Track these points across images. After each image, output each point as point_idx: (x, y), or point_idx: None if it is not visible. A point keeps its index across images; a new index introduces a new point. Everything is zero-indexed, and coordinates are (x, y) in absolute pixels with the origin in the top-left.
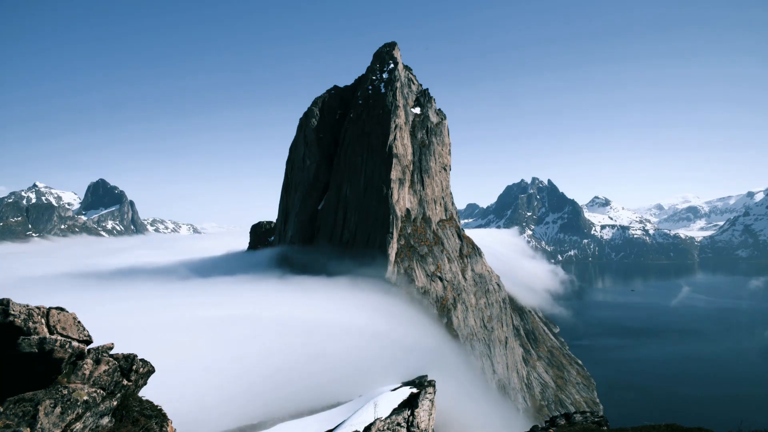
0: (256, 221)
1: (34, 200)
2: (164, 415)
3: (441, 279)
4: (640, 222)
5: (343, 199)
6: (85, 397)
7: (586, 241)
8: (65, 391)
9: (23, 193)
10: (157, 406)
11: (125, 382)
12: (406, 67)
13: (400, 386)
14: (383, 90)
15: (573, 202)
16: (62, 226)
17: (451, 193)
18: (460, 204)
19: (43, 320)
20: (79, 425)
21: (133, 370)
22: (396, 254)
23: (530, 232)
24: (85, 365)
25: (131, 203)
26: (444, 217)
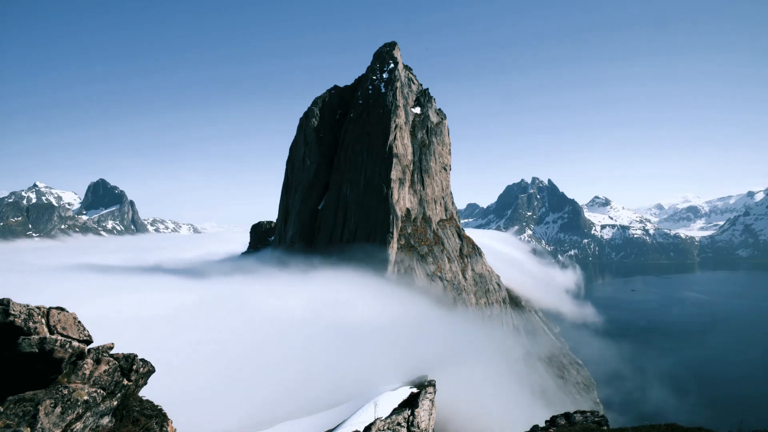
0: (256, 221)
1: (34, 200)
2: (164, 415)
3: (441, 279)
4: (641, 222)
5: (343, 199)
6: (86, 397)
7: (586, 240)
8: (65, 391)
9: (23, 193)
10: (157, 405)
11: (125, 381)
12: (406, 67)
13: (400, 386)
14: (383, 90)
15: (573, 202)
16: (62, 226)
17: (451, 193)
18: (460, 204)
19: (43, 320)
20: (79, 425)
21: (133, 369)
22: (396, 254)
23: (530, 232)
24: (85, 365)
25: (131, 203)
26: (444, 217)
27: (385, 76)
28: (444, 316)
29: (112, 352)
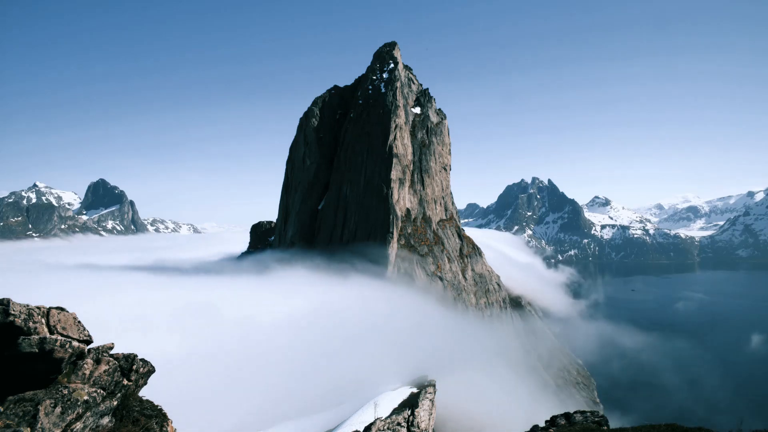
0: (256, 221)
1: (34, 200)
2: (164, 415)
3: (441, 279)
4: (641, 222)
5: (343, 199)
6: (86, 397)
7: (586, 240)
8: (65, 391)
9: (23, 193)
10: (157, 405)
11: (125, 381)
12: (407, 67)
13: (400, 386)
14: (383, 90)
15: (573, 202)
16: (62, 226)
17: (451, 193)
18: (460, 204)
19: (43, 320)
20: (79, 425)
21: (133, 369)
22: (396, 254)
23: (530, 232)
24: (85, 365)
25: (131, 203)
26: (444, 217)
27: (385, 76)
28: (444, 316)
29: (112, 352)
